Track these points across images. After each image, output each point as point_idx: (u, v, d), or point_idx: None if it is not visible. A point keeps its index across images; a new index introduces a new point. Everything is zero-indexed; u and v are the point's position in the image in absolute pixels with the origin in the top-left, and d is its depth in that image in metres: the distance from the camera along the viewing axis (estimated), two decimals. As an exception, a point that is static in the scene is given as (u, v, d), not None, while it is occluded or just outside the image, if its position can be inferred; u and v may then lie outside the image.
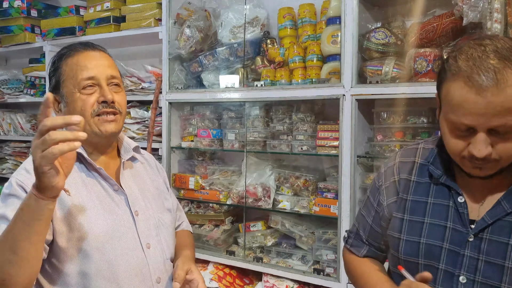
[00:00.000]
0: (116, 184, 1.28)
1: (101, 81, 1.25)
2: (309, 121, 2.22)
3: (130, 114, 2.75)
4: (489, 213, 1.01)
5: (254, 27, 2.41)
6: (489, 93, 0.88)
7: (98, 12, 2.82)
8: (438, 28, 1.80)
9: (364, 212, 1.27)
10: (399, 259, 1.12)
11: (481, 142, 0.93)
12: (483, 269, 1.00)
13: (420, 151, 1.18)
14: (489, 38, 0.94)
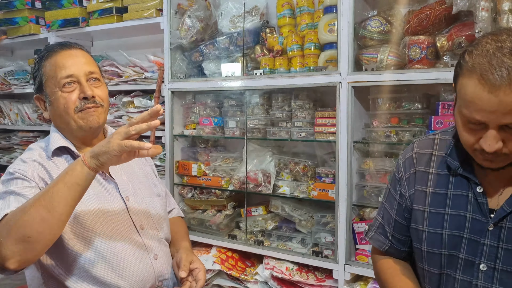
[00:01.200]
0: (104, 174, 1.36)
1: (80, 78, 1.33)
2: (308, 108, 2.27)
3: (134, 103, 2.82)
4: (508, 202, 1.04)
5: (253, 16, 2.46)
6: (502, 92, 0.89)
7: (101, 3, 2.87)
8: (431, 15, 1.84)
9: (387, 206, 1.27)
10: (422, 251, 1.15)
11: (491, 137, 0.95)
12: (503, 256, 1.03)
13: (437, 143, 1.19)
14: (507, 34, 0.94)
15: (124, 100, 2.87)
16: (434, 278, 1.15)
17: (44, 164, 1.30)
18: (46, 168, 1.30)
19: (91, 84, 1.35)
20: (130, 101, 2.85)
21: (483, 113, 0.93)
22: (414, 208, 1.18)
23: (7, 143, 3.62)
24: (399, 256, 1.28)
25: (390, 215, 1.26)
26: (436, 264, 1.13)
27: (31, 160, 1.30)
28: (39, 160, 1.31)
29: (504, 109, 0.90)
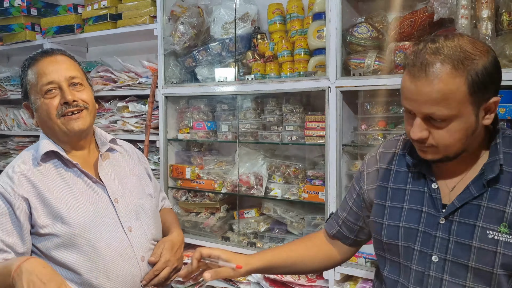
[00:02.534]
0: (93, 177, 1.40)
1: (61, 84, 1.35)
2: (298, 112, 2.33)
3: (128, 108, 2.87)
4: (458, 198, 1.10)
5: (245, 22, 2.51)
6: (420, 82, 1.00)
7: (95, 10, 2.92)
8: (416, 22, 1.90)
9: (347, 196, 1.38)
10: (382, 242, 1.22)
11: (416, 125, 1.05)
12: (453, 249, 1.09)
13: (401, 143, 1.27)
14: (445, 36, 1.03)
15: (119, 105, 2.91)
16: (395, 266, 1.21)
17: (29, 175, 1.33)
18: (31, 179, 1.33)
19: (73, 88, 1.38)
20: (125, 106, 2.90)
21: (408, 101, 1.05)
22: (376, 203, 1.26)
23: (3, 148, 3.66)
24: (345, 241, 1.37)
25: (347, 203, 1.36)
26: (396, 254, 1.20)
27: (17, 173, 1.33)
28: (25, 172, 1.34)
29: (422, 98, 1.01)
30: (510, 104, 1.71)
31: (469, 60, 0.98)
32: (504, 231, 1.04)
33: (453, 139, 1.04)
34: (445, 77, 0.98)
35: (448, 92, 0.98)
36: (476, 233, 1.07)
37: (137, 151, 1.66)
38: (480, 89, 0.99)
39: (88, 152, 1.47)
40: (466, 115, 1.01)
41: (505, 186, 1.07)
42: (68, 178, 1.37)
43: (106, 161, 1.48)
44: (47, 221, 1.30)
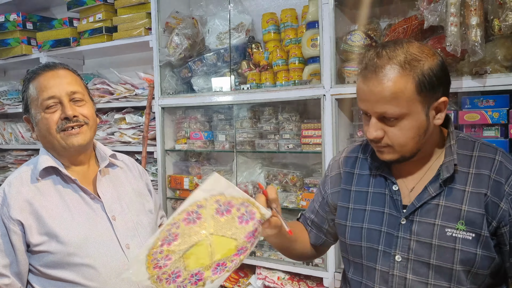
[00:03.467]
0: (91, 194, 1.40)
1: (62, 99, 1.35)
2: (294, 120, 2.34)
3: (125, 119, 2.88)
4: (417, 198, 1.15)
5: (239, 32, 2.53)
6: (371, 83, 1.08)
7: (91, 23, 2.94)
8: (408, 29, 1.92)
9: (315, 199, 1.43)
10: (346, 244, 1.27)
11: (371, 125, 1.12)
12: (415, 248, 1.14)
13: (363, 147, 1.33)
14: (395, 42, 1.11)
15: (116, 117, 2.93)
16: (358, 268, 1.25)
17: (25, 194, 1.33)
18: (27, 198, 1.33)
19: (74, 103, 1.37)
20: (122, 118, 2.91)
21: (362, 102, 1.12)
22: (339, 205, 1.30)
23: (1, 162, 3.67)
24: (316, 241, 1.42)
25: (314, 206, 1.41)
26: (358, 255, 1.23)
27: (14, 192, 1.33)
28: (21, 190, 1.34)
29: (373, 97, 1.07)
30: (503, 108, 1.73)
31: (415, 61, 1.06)
32: (462, 228, 1.10)
33: (406, 137, 1.10)
34: (394, 77, 1.05)
35: (397, 91, 1.05)
36: (435, 231, 1.12)
37: (138, 166, 1.65)
38: (428, 89, 1.07)
39: (88, 167, 1.47)
40: (416, 113, 1.08)
41: (460, 185, 1.13)
42: (66, 194, 1.37)
43: (106, 176, 1.48)
44: (41, 239, 1.30)
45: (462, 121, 1.80)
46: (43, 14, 3.49)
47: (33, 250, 1.31)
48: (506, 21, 1.56)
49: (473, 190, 1.12)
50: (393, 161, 1.16)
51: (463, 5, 1.60)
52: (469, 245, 1.09)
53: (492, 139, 1.75)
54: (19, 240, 1.30)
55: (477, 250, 1.09)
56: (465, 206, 1.11)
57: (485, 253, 1.09)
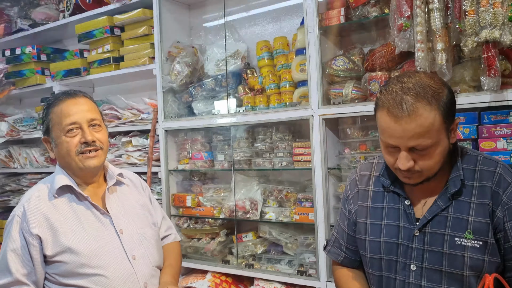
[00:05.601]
0: (101, 209, 1.57)
1: (82, 125, 1.52)
2: (287, 139, 2.51)
3: (132, 142, 3.07)
4: (428, 211, 1.26)
5: (235, 59, 2.73)
6: (404, 121, 1.13)
7: (99, 54, 3.16)
8: (386, 54, 2.09)
9: (340, 222, 1.50)
10: (366, 257, 1.37)
11: (403, 158, 1.19)
12: (428, 257, 1.24)
13: (375, 165, 1.43)
14: (408, 76, 1.20)
15: (123, 140, 3.12)
16: (376, 279, 1.35)
17: (43, 210, 1.50)
18: (45, 213, 1.50)
19: (92, 129, 1.55)
20: (129, 141, 3.10)
21: (393, 139, 1.18)
22: (358, 221, 1.40)
23: (16, 185, 3.87)
24: (354, 265, 1.48)
25: (343, 230, 1.48)
26: (378, 268, 1.34)
27: (33, 208, 1.50)
28: (39, 206, 1.50)
29: (407, 134, 1.15)
30: (473, 124, 1.88)
31: (437, 94, 1.15)
32: (470, 237, 1.20)
33: (434, 163, 1.20)
34: (424, 113, 1.13)
35: (428, 125, 1.13)
36: (446, 241, 1.23)
37: (141, 181, 1.82)
38: (449, 116, 1.17)
39: (98, 185, 1.64)
40: (443, 139, 1.18)
41: (466, 198, 1.24)
42: (79, 211, 1.54)
43: (113, 194, 1.65)
44: (56, 251, 1.47)
45: (437, 136, 1.95)
46: (56, 46, 3.75)
47: (49, 261, 1.48)
48: (466, 46, 1.72)
49: (478, 201, 1.22)
50: (415, 184, 1.25)
51: (431, 32, 1.78)
52: (477, 252, 1.20)
53: (465, 153, 1.90)
54: (37, 252, 1.47)
55: (485, 257, 1.20)
56: (472, 217, 1.21)
57: (492, 258, 1.20)
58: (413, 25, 1.75)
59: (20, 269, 1.46)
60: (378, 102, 1.22)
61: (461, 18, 1.75)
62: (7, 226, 1.52)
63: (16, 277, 1.45)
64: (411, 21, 1.76)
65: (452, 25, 1.79)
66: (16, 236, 1.47)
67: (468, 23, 1.71)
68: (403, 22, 1.76)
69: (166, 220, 1.87)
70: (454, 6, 1.77)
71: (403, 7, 1.76)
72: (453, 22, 1.79)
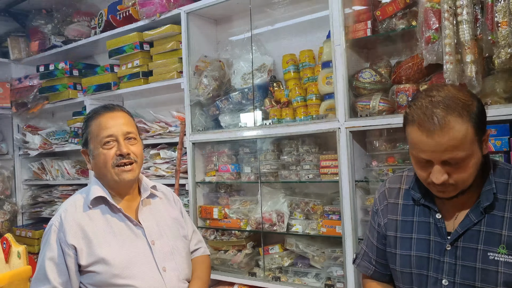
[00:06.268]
0: (134, 221, 1.61)
1: (118, 138, 1.57)
2: (314, 152, 2.51)
3: (160, 155, 3.13)
4: (460, 225, 1.24)
5: (261, 72, 2.76)
6: (436, 135, 1.13)
7: (129, 69, 3.25)
8: (414, 66, 2.08)
9: (369, 235, 1.49)
10: (396, 271, 1.35)
11: (437, 172, 1.18)
12: (460, 272, 1.22)
13: (405, 178, 1.42)
14: (436, 89, 1.19)
15: (151, 153, 3.18)
16: None
17: (79, 221, 1.55)
18: (81, 224, 1.55)
19: (128, 142, 1.59)
20: (157, 153, 3.16)
21: (426, 153, 1.17)
22: (388, 235, 1.39)
23: (48, 197, 3.98)
24: (384, 279, 1.47)
25: (372, 243, 1.47)
26: (409, 282, 1.32)
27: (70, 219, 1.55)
28: (76, 217, 1.56)
29: (441, 148, 1.14)
30: (505, 137, 1.84)
31: (467, 106, 1.14)
32: (503, 252, 1.18)
33: (469, 175, 1.18)
34: (456, 125, 1.12)
35: (461, 138, 1.13)
36: (478, 255, 1.20)
37: (174, 194, 1.86)
38: (480, 127, 1.16)
39: (132, 197, 1.68)
40: (476, 151, 1.17)
41: (499, 212, 1.21)
42: (113, 222, 1.59)
43: (147, 206, 1.69)
44: (90, 260, 1.52)
45: (467, 149, 1.92)
46: (88, 62, 3.87)
47: (83, 271, 1.53)
48: (499, 58, 1.70)
49: (511, 215, 1.20)
50: (453, 197, 1.23)
51: (460, 44, 1.76)
52: (511, 268, 1.17)
53: (496, 166, 1.86)
54: (72, 262, 1.52)
55: None
56: (505, 231, 1.19)
57: None
58: (441, 37, 1.74)
59: (57, 277, 1.51)
60: (407, 117, 1.21)
61: (493, 30, 1.73)
62: (45, 235, 1.57)
63: (54, 285, 1.49)
64: (439, 33, 1.75)
65: (484, 37, 1.78)
66: (54, 245, 1.52)
67: (501, 34, 1.70)
68: (431, 35, 1.76)
69: (197, 233, 1.90)
70: (486, 18, 1.76)
71: (431, 19, 1.75)
72: (484, 33, 1.77)
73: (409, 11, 2.12)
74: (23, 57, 4.04)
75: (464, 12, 1.72)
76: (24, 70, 4.09)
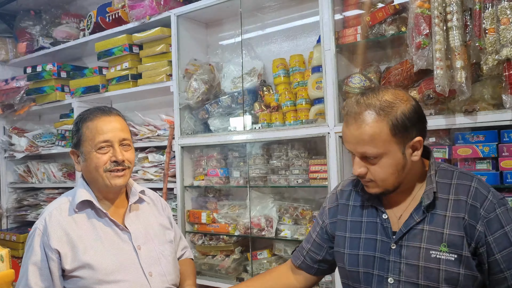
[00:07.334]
0: (120, 225, 1.58)
1: (114, 143, 1.53)
2: (303, 157, 2.50)
3: (148, 158, 3.09)
4: (404, 224, 1.28)
5: (251, 77, 2.75)
6: (352, 127, 1.23)
7: (118, 71, 3.22)
8: (403, 72, 2.09)
9: (311, 230, 1.55)
10: (345, 270, 1.39)
11: (355, 163, 1.27)
12: (405, 270, 1.25)
13: (356, 181, 1.46)
14: (372, 90, 1.27)
15: (139, 156, 3.15)
16: None
17: (64, 224, 1.51)
18: (65, 228, 1.51)
19: (123, 148, 1.55)
20: (145, 157, 3.13)
21: (346, 143, 1.28)
22: (337, 235, 1.43)
23: (34, 200, 3.92)
24: (310, 271, 1.52)
25: (311, 236, 1.53)
26: (356, 281, 1.35)
27: (54, 222, 1.51)
28: (60, 220, 1.52)
29: (354, 140, 1.23)
30: (493, 143, 1.85)
31: (389, 107, 1.21)
32: (444, 250, 1.22)
33: (386, 173, 1.24)
34: (370, 122, 1.20)
35: (374, 134, 1.20)
36: (421, 254, 1.24)
37: (162, 200, 1.83)
38: (401, 131, 1.21)
39: (119, 201, 1.65)
40: (393, 152, 1.22)
41: (441, 211, 1.26)
42: (99, 227, 1.55)
43: (134, 212, 1.66)
44: (74, 265, 1.48)
45: (456, 155, 1.92)
46: (76, 64, 3.83)
47: (67, 275, 1.49)
48: (487, 64, 1.71)
49: (453, 214, 1.24)
50: (378, 194, 1.30)
51: (450, 50, 1.77)
52: (452, 265, 1.21)
53: (484, 172, 1.87)
54: (55, 266, 1.48)
55: (460, 270, 1.20)
56: (447, 230, 1.23)
57: (468, 272, 1.20)
58: (431, 43, 1.75)
59: (39, 283, 1.47)
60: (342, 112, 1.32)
61: (481, 36, 1.75)
62: (29, 238, 1.54)
63: None
64: (429, 39, 1.76)
65: (472, 43, 1.79)
66: (38, 249, 1.49)
67: (489, 41, 1.71)
68: (421, 40, 1.76)
69: (183, 240, 1.89)
70: (473, 24, 1.77)
71: (422, 25, 1.76)
72: (472, 40, 1.78)
73: (399, 17, 2.13)
74: (10, 58, 3.98)
75: (454, 18, 1.73)
76: (11, 72, 4.03)
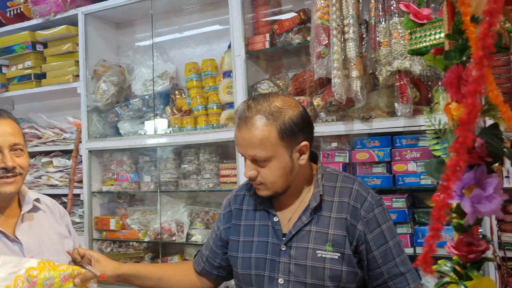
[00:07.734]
0: (10, 236, 1.45)
1: (3, 149, 1.40)
2: (214, 161, 2.51)
3: (53, 163, 2.93)
4: (293, 226, 1.33)
5: (163, 80, 2.71)
6: (243, 131, 1.26)
7: (20, 70, 3.01)
8: (308, 79, 2.18)
9: (209, 237, 1.56)
10: (238, 274, 1.41)
11: (247, 166, 1.30)
12: (294, 270, 1.30)
13: (249, 185, 1.48)
14: (263, 96, 1.32)
15: (43, 161, 2.97)
16: None
17: None
18: None
19: (14, 153, 1.42)
20: (49, 161, 2.95)
21: (238, 147, 1.31)
22: (231, 239, 1.45)
23: None
24: (210, 277, 1.53)
25: (209, 243, 1.54)
26: (248, 283, 1.38)
27: None
28: None
29: (245, 143, 1.27)
30: (387, 148, 1.99)
31: (278, 113, 1.26)
32: (329, 250, 1.29)
33: (274, 176, 1.28)
34: (260, 126, 1.25)
35: (263, 138, 1.24)
36: (309, 254, 1.30)
37: (59, 208, 1.71)
38: (288, 135, 1.27)
39: (10, 210, 1.52)
40: (281, 155, 1.27)
41: (326, 213, 1.33)
42: None
43: (27, 222, 1.53)
44: None
45: (355, 159, 2.04)
46: (-28, 60, 3.52)
47: None
48: (381, 75, 1.84)
49: (337, 215, 1.31)
50: (268, 196, 1.34)
51: (347, 60, 1.88)
52: (335, 263, 1.28)
53: (380, 175, 2.01)
54: None
55: (342, 267, 1.28)
56: (331, 230, 1.30)
57: (349, 269, 1.28)
58: (330, 53, 1.84)
59: None
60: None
61: (376, 48, 1.87)
62: None
63: None
64: (328, 49, 1.85)
65: (368, 54, 1.92)
66: None
67: (382, 53, 1.84)
68: (321, 50, 1.85)
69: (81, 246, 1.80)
70: (369, 37, 1.90)
71: (321, 35, 1.85)
72: (369, 51, 1.91)
73: (304, 27, 2.22)
74: None
75: (350, 31, 1.84)
76: None
